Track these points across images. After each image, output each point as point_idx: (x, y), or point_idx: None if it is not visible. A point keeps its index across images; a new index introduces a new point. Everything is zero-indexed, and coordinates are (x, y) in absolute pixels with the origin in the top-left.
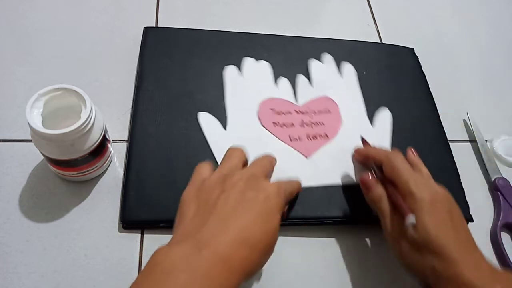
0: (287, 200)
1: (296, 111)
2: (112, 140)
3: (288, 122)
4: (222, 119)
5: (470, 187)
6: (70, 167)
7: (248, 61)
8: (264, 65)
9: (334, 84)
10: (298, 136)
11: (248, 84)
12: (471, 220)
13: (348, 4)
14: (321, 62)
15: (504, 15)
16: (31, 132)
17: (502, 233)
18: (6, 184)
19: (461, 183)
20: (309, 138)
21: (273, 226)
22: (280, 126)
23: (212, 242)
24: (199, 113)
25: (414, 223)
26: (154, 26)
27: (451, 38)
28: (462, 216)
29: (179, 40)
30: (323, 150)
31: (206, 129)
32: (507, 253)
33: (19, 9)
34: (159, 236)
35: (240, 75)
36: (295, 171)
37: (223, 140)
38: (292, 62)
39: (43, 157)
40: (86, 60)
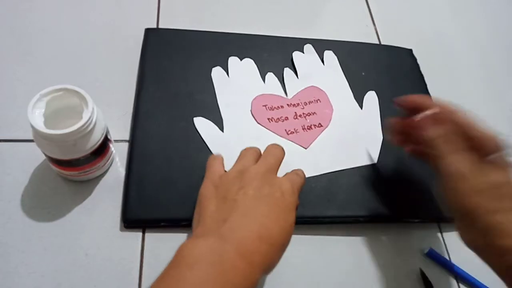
0: (299, 196)
1: (288, 105)
2: (114, 140)
3: (282, 116)
4: (221, 120)
5: None
6: (72, 167)
7: (232, 60)
8: (249, 62)
9: (318, 72)
10: (294, 129)
11: (237, 83)
12: None
13: (347, 5)
14: (302, 53)
15: (504, 15)
16: (33, 132)
17: None
18: (7, 184)
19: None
20: (304, 129)
21: (289, 223)
22: (275, 121)
23: (235, 237)
24: (194, 118)
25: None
26: (155, 27)
27: (450, 38)
28: None
29: (180, 41)
30: (320, 139)
31: (203, 133)
32: None
33: (19, 9)
34: (160, 235)
35: (226, 75)
36: (296, 164)
37: (222, 142)
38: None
39: (44, 157)
40: (87, 60)
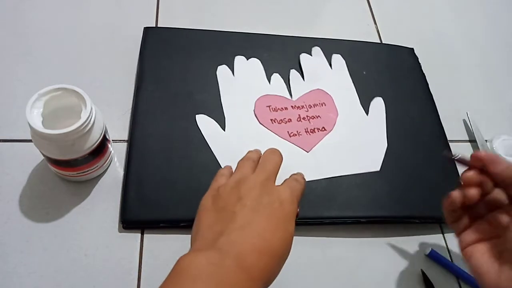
0: (298, 204)
1: (292, 106)
2: (112, 140)
3: (285, 118)
4: (222, 119)
5: None
6: (70, 167)
7: (239, 59)
8: (255, 62)
9: (325, 75)
10: (297, 131)
11: (241, 83)
12: None
13: (348, 4)
14: (310, 55)
15: (503, 15)
16: (31, 132)
17: None
18: (6, 184)
19: (461, 183)
20: (307, 133)
21: (288, 233)
22: (278, 123)
23: (234, 250)
24: (196, 116)
25: None
26: (154, 26)
27: (451, 38)
28: None
29: (179, 40)
30: (323, 143)
31: (205, 131)
32: None
33: (19, 9)
34: (159, 236)
35: (232, 74)
36: (297, 167)
37: (223, 141)
38: (287, 59)
39: (43, 157)
40: (86, 60)
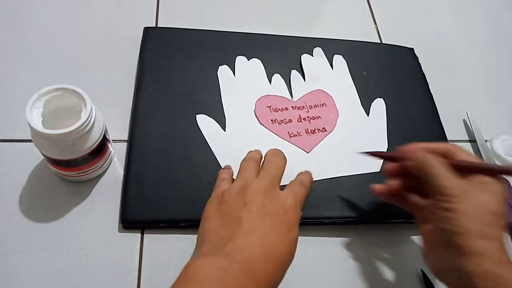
0: (302, 209)
1: (292, 107)
2: (112, 140)
3: (285, 119)
4: (222, 119)
5: None
6: (70, 167)
7: (240, 60)
8: (256, 63)
9: (326, 76)
10: (297, 132)
11: (242, 83)
12: None
13: (348, 4)
14: (311, 56)
15: (503, 15)
16: (31, 132)
17: None
18: (6, 184)
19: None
20: (308, 133)
21: (292, 239)
22: (278, 123)
23: (241, 256)
24: (197, 115)
25: None
26: (154, 26)
27: (451, 38)
28: None
29: (179, 40)
30: (323, 144)
31: (205, 131)
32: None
33: (19, 9)
34: (159, 236)
35: (232, 74)
36: (297, 168)
37: (223, 141)
38: (288, 59)
39: (43, 157)
40: (86, 60)
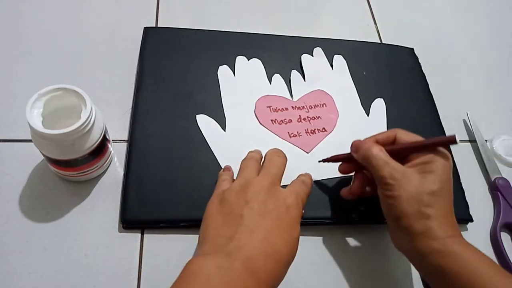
0: (303, 207)
1: (292, 107)
2: (112, 140)
3: (285, 119)
4: (222, 119)
5: (470, 187)
6: (70, 167)
7: (240, 60)
8: (256, 63)
9: (326, 76)
10: (297, 132)
11: (242, 83)
12: (471, 220)
13: (348, 4)
14: (312, 56)
15: (503, 15)
16: (31, 132)
17: (502, 233)
18: (6, 184)
19: (461, 183)
20: (308, 133)
21: (294, 237)
22: (278, 123)
23: (243, 254)
24: (197, 115)
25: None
26: (154, 26)
27: (451, 38)
28: None
29: (179, 40)
30: (323, 144)
31: (205, 131)
32: (507, 253)
33: (19, 9)
34: (159, 236)
35: (233, 74)
36: (297, 168)
37: (223, 141)
38: (288, 59)
39: (43, 157)
40: (86, 60)
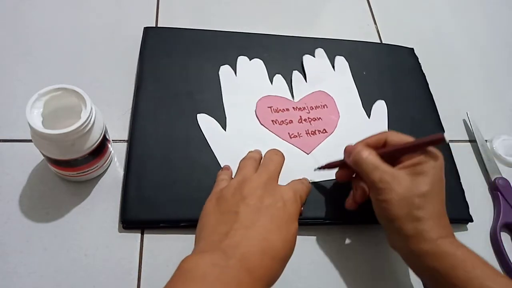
0: (302, 203)
1: (293, 108)
2: (112, 140)
3: (286, 119)
4: (222, 119)
5: (470, 187)
6: (70, 167)
7: (242, 60)
8: (258, 63)
9: (328, 77)
10: (298, 133)
11: (244, 83)
12: (471, 220)
13: (348, 4)
14: (313, 57)
15: (503, 15)
16: (31, 132)
17: (502, 233)
18: (6, 184)
19: (461, 183)
20: (308, 134)
21: (291, 233)
22: (279, 124)
23: (238, 251)
24: (198, 115)
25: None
26: (154, 26)
27: (451, 38)
28: None
29: (179, 40)
30: (323, 145)
31: (206, 130)
32: (507, 253)
33: (19, 9)
34: (159, 236)
35: (234, 74)
36: (297, 169)
37: (224, 141)
38: (289, 60)
39: (43, 157)
40: (86, 60)
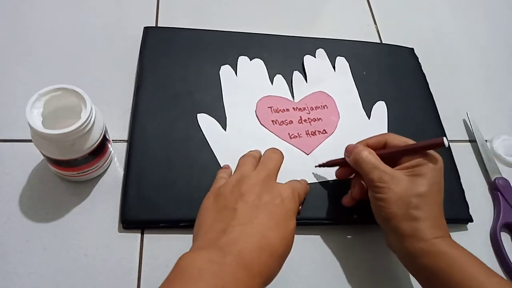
0: (300, 202)
1: (294, 108)
2: (112, 140)
3: (286, 120)
4: (222, 119)
5: (470, 187)
6: (70, 167)
7: (242, 60)
8: (258, 63)
9: (328, 78)
10: (298, 133)
11: (244, 83)
12: (471, 220)
13: (348, 4)
14: (314, 57)
15: (503, 15)
16: (31, 132)
17: (502, 233)
18: (6, 184)
19: (461, 183)
20: (308, 135)
21: (289, 230)
22: (279, 124)
23: (235, 248)
24: (198, 114)
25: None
26: (154, 26)
27: (451, 38)
28: None
29: (179, 40)
30: (323, 146)
31: (206, 130)
32: (507, 253)
33: (19, 9)
34: (159, 236)
35: (235, 74)
36: (297, 169)
37: (224, 141)
38: (289, 60)
39: (43, 157)
40: (86, 60)
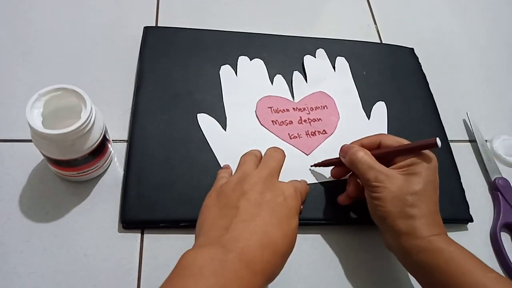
0: (302, 201)
1: (293, 108)
2: (112, 140)
3: (286, 120)
4: (222, 119)
5: (470, 187)
6: (70, 167)
7: (243, 60)
8: (258, 63)
9: (328, 78)
10: (298, 134)
11: (244, 83)
12: (471, 220)
13: (348, 4)
14: (314, 57)
15: (504, 15)
16: (31, 132)
17: (502, 233)
18: (6, 184)
19: (461, 183)
20: (308, 135)
21: (292, 228)
22: (279, 124)
23: (238, 246)
24: (198, 114)
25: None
26: (154, 25)
27: (451, 38)
28: None
29: (179, 40)
30: (323, 146)
31: (206, 130)
32: (507, 253)
33: (19, 9)
34: (159, 236)
35: (235, 74)
36: (297, 169)
37: (224, 141)
38: (289, 60)
39: (43, 157)
40: (86, 60)
